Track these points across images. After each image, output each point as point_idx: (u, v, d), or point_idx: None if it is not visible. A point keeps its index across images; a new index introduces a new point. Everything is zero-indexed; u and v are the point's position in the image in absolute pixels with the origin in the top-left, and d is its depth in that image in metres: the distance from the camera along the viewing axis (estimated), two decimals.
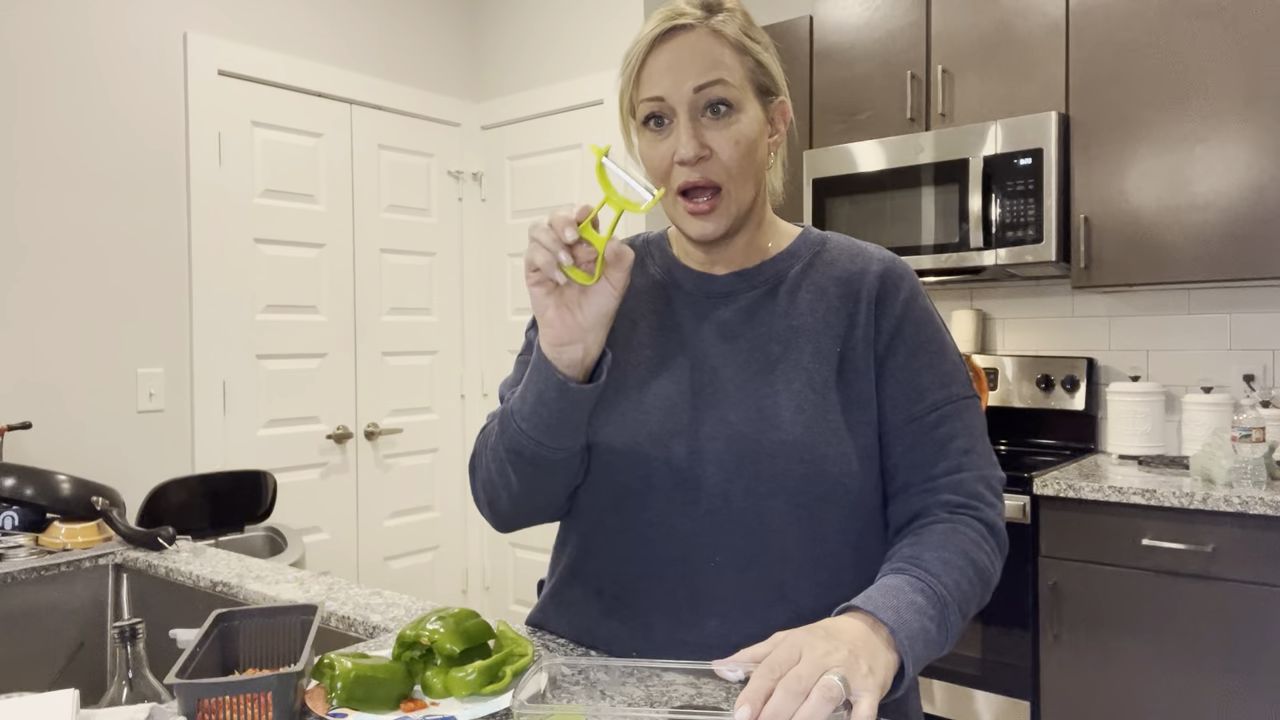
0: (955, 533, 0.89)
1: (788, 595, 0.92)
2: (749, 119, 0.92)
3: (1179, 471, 2.30)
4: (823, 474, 0.91)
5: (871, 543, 0.96)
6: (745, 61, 0.92)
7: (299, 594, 1.27)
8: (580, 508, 1.01)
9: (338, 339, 3.10)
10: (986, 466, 0.94)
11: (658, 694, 0.84)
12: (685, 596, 0.93)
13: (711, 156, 0.90)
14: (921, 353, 0.95)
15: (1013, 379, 2.80)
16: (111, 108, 2.52)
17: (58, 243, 2.42)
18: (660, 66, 0.91)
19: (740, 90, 0.91)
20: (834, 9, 2.83)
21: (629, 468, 0.95)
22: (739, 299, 0.99)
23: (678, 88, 0.90)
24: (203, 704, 0.74)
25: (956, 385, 0.95)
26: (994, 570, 0.91)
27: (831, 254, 1.00)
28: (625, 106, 0.96)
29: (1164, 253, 2.33)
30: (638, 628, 0.96)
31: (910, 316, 0.96)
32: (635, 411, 0.96)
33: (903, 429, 0.94)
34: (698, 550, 0.93)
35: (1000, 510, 0.94)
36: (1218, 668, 2.02)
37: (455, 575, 3.53)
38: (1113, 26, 2.38)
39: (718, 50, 0.90)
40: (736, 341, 0.97)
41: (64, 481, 1.60)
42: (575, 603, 1.02)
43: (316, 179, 3.04)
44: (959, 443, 0.93)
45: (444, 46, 3.45)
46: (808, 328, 0.96)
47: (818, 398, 0.93)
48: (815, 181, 2.78)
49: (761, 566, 0.92)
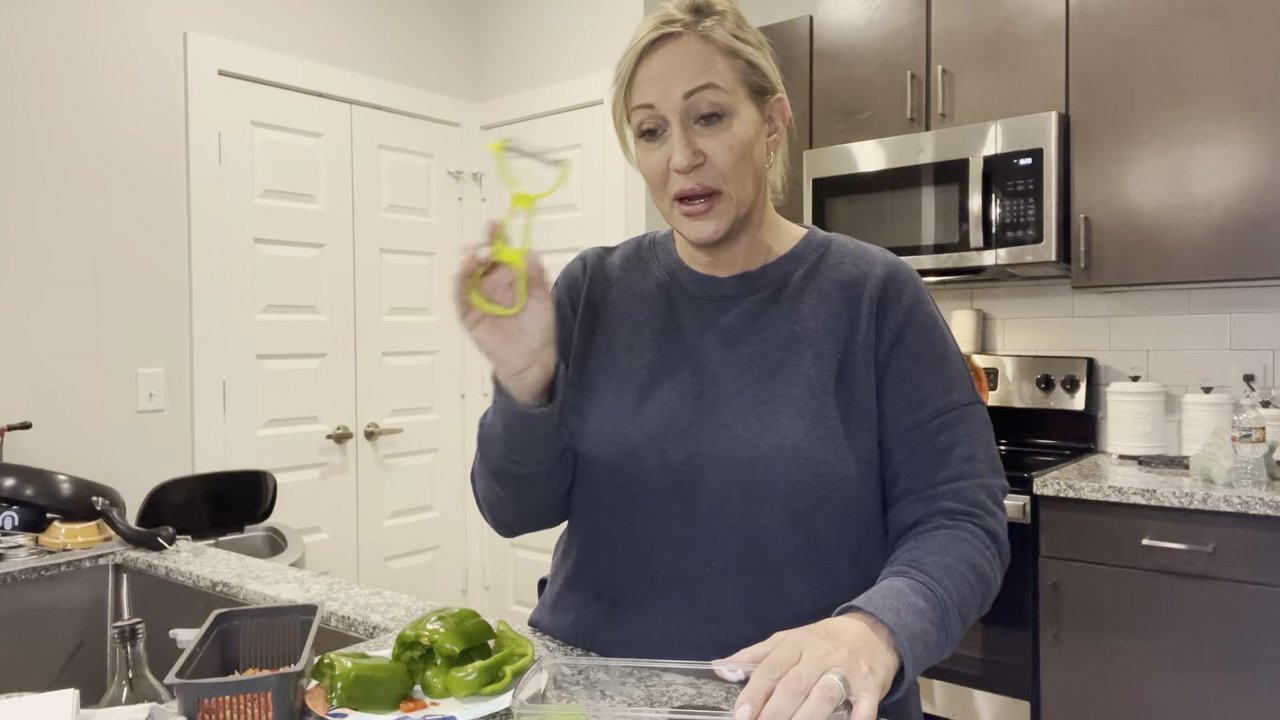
0: (957, 538, 0.89)
1: (784, 600, 0.92)
2: (743, 122, 0.91)
3: (1179, 471, 2.30)
4: (820, 480, 0.90)
5: (869, 548, 0.96)
6: (736, 64, 0.91)
7: (299, 594, 1.27)
8: (580, 511, 1.01)
9: (338, 339, 3.10)
10: (989, 475, 0.94)
11: (658, 694, 0.84)
12: (682, 601, 0.93)
13: (705, 163, 0.90)
14: (923, 359, 0.95)
15: (1013, 379, 2.80)
16: (111, 108, 2.52)
17: (57, 243, 2.42)
18: (650, 75, 0.91)
19: (732, 94, 0.91)
20: (834, 9, 2.83)
21: (627, 471, 0.95)
22: (742, 303, 0.99)
23: (668, 95, 0.90)
24: (203, 704, 0.74)
25: (959, 392, 0.95)
26: (995, 577, 0.91)
27: (835, 257, 1.00)
28: (618, 116, 0.96)
29: (1164, 253, 2.33)
30: (636, 632, 0.96)
31: (913, 322, 0.95)
32: (635, 415, 0.96)
33: (904, 436, 0.94)
34: (694, 554, 0.93)
35: (1002, 519, 0.94)
36: (1218, 667, 2.02)
37: (455, 575, 3.54)
38: (1113, 26, 2.38)
39: (707, 55, 0.90)
40: (738, 347, 0.97)
41: (64, 481, 1.60)
42: (575, 606, 1.02)
43: (316, 179, 3.04)
44: (961, 450, 0.93)
45: (444, 46, 3.45)
46: (810, 333, 0.95)
47: (817, 404, 0.92)
48: (815, 181, 2.78)
49: (758, 571, 0.92)
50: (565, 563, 1.05)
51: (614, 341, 1.02)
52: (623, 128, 0.97)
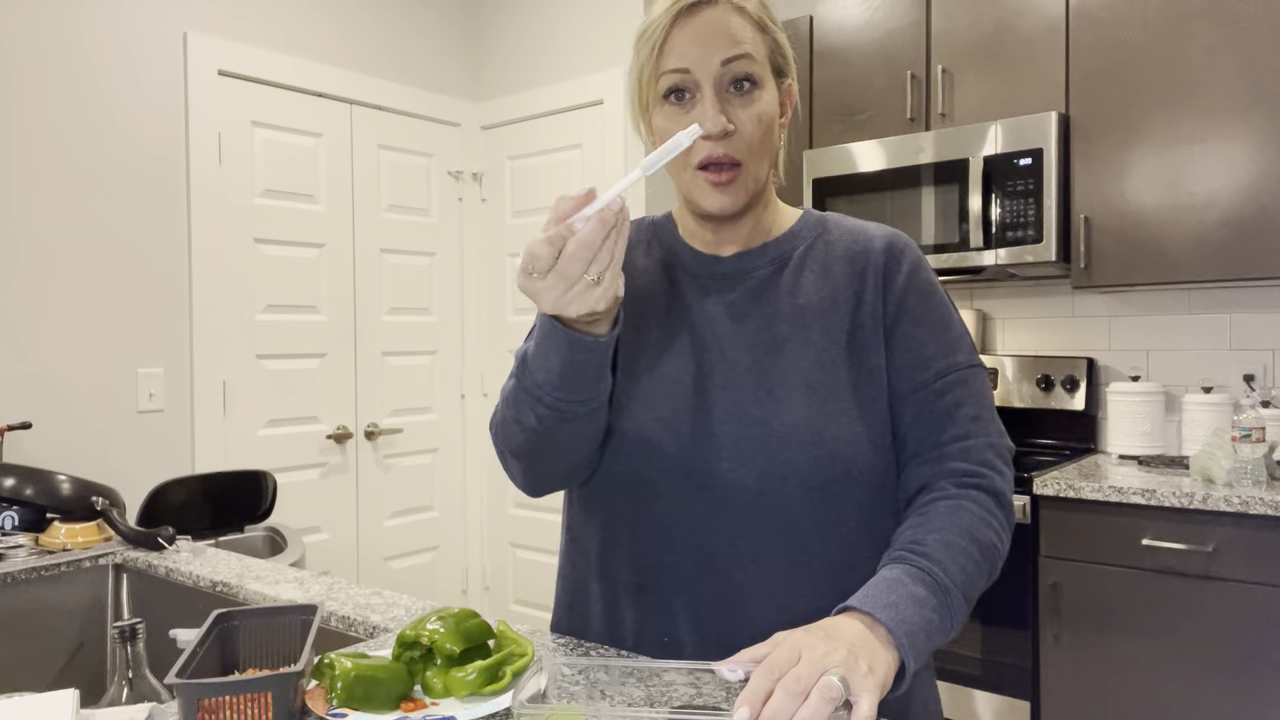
0: (960, 509, 0.89)
1: (805, 578, 0.92)
2: (769, 97, 0.93)
3: (1179, 471, 2.30)
4: (835, 456, 0.90)
5: (886, 520, 0.96)
6: (766, 40, 0.93)
7: (299, 594, 1.26)
8: (597, 498, 1.00)
9: (338, 339, 3.10)
10: (994, 434, 0.94)
11: (658, 694, 0.84)
12: (707, 583, 0.93)
13: (735, 133, 0.91)
14: (925, 322, 0.95)
15: (1013, 379, 2.80)
16: (111, 108, 2.52)
17: (57, 243, 2.42)
18: (685, 40, 0.90)
19: (762, 67, 0.92)
20: (834, 9, 2.83)
21: (641, 454, 0.95)
22: (745, 280, 0.99)
23: (705, 61, 0.89)
24: (203, 704, 0.74)
25: (961, 353, 0.95)
26: (1001, 545, 0.90)
27: (833, 233, 1.01)
28: (645, 80, 0.93)
29: (1164, 253, 2.33)
30: (665, 616, 0.95)
31: (914, 288, 0.96)
32: (645, 397, 0.96)
33: (909, 398, 0.94)
34: (714, 536, 0.92)
35: (1009, 478, 0.94)
36: (1218, 667, 2.02)
37: (455, 575, 3.53)
38: (1113, 26, 2.38)
39: (741, 26, 0.91)
40: (744, 322, 0.97)
41: (64, 481, 1.60)
42: (602, 596, 1.01)
43: (316, 179, 3.04)
44: (966, 410, 0.93)
45: (444, 46, 3.45)
46: (814, 307, 0.96)
47: (827, 377, 0.93)
48: (815, 181, 2.78)
49: (780, 550, 0.92)
50: (582, 557, 1.04)
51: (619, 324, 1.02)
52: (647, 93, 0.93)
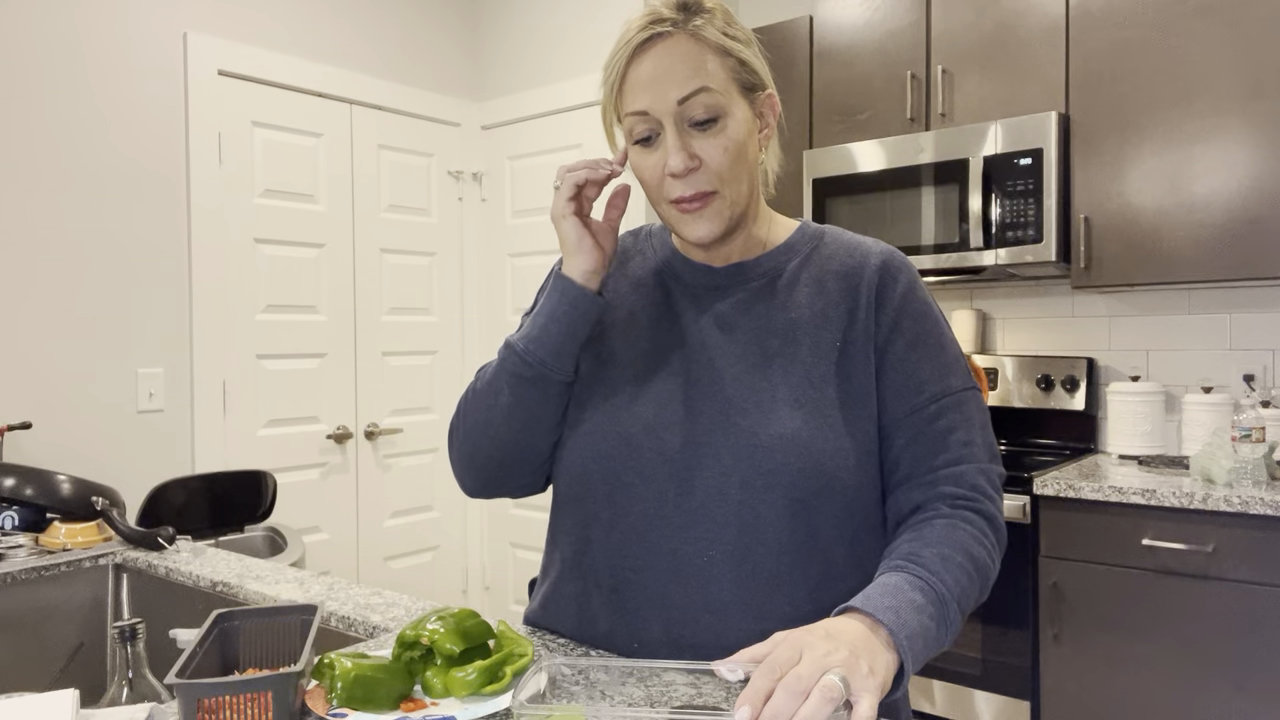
0: (955, 527, 0.89)
1: (781, 591, 0.92)
2: (736, 122, 0.92)
3: (1179, 471, 2.30)
4: (820, 469, 0.91)
5: (866, 539, 0.96)
6: (728, 63, 0.91)
7: (299, 594, 1.26)
8: (576, 500, 1.00)
9: (338, 339, 3.10)
10: (986, 460, 0.95)
11: (658, 694, 0.84)
12: (679, 590, 0.93)
13: (701, 166, 0.91)
14: (920, 345, 0.95)
15: (1013, 379, 2.80)
16: (111, 108, 2.52)
17: (57, 243, 2.42)
18: (642, 78, 0.90)
19: (725, 95, 0.91)
20: (834, 9, 2.83)
21: (622, 458, 0.95)
22: (737, 292, 0.99)
23: (661, 99, 0.89)
24: (203, 704, 0.74)
25: (955, 377, 0.96)
26: (993, 565, 0.91)
27: (830, 248, 1.01)
28: (609, 118, 0.96)
29: (1164, 253, 2.33)
30: (635, 622, 0.95)
31: (908, 309, 0.96)
32: (630, 402, 0.96)
33: (903, 422, 0.94)
34: (691, 543, 0.92)
35: (999, 504, 0.95)
36: (1218, 667, 2.02)
37: (455, 575, 3.53)
38: (1113, 26, 2.38)
39: (699, 56, 0.90)
40: (734, 334, 0.97)
41: (64, 481, 1.60)
42: (574, 596, 1.01)
43: (316, 179, 3.04)
44: (959, 435, 0.93)
45: (444, 46, 3.45)
46: (806, 321, 0.96)
47: (815, 392, 0.93)
48: (815, 181, 2.78)
49: (755, 561, 0.92)
50: (560, 557, 1.04)
51: (610, 331, 1.03)
52: (612, 129, 0.97)
